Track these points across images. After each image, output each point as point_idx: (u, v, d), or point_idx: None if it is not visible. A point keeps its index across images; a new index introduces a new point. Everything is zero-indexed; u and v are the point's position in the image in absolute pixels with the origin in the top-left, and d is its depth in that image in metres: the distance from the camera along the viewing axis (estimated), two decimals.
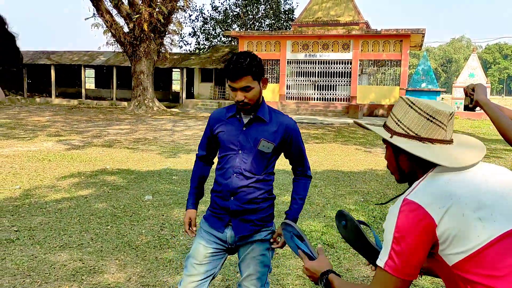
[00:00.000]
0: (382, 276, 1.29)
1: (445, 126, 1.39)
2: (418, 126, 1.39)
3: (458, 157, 1.35)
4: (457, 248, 1.23)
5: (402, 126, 1.41)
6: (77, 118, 19.32)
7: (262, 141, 2.26)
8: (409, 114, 1.40)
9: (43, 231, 4.73)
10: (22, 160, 8.77)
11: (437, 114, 1.37)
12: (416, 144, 1.39)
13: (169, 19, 23.88)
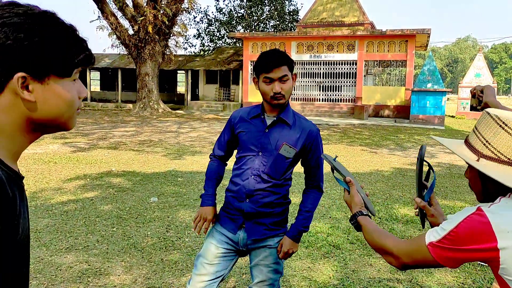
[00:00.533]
0: (421, 247, 1.30)
1: None
2: (511, 150, 1.26)
3: None
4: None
5: (491, 149, 1.29)
6: (83, 120, 19.40)
7: (284, 145, 2.22)
8: (501, 136, 1.28)
9: (49, 233, 4.74)
10: (28, 163, 8.81)
11: None
12: (508, 170, 1.27)
13: (174, 21, 23.94)
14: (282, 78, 2.14)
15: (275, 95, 2.15)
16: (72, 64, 0.96)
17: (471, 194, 6.86)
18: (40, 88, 0.90)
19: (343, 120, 21.16)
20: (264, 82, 2.17)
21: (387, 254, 1.43)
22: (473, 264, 4.07)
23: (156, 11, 22.58)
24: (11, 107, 0.89)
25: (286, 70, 2.14)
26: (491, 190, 1.34)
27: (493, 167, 1.28)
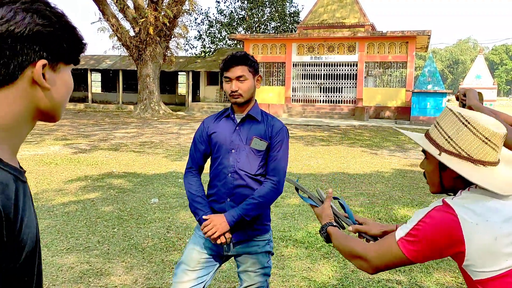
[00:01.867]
0: (391, 245, 1.33)
1: (498, 148, 1.34)
2: (472, 147, 1.32)
3: (509, 182, 1.32)
4: (483, 268, 1.24)
5: (453, 145, 1.34)
6: (84, 122, 19.45)
7: (255, 139, 2.27)
8: (463, 133, 1.33)
9: (50, 234, 4.77)
10: (29, 164, 8.85)
11: (493, 137, 1.31)
12: (467, 166, 1.32)
13: (175, 22, 24.00)
14: (239, 78, 2.22)
15: (232, 93, 2.25)
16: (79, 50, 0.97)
17: None
18: (53, 76, 0.91)
19: (343, 122, 21.18)
20: (224, 81, 2.29)
21: (357, 258, 1.44)
22: None
23: (157, 12, 22.64)
24: (23, 97, 0.87)
25: (244, 70, 2.23)
26: (447, 183, 1.40)
27: (455, 162, 1.33)
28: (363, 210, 5.85)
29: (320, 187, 7.12)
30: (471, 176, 1.30)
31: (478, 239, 1.22)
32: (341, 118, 22.98)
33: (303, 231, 4.88)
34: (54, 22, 0.88)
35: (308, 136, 14.99)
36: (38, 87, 0.87)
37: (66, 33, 0.91)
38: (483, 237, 1.22)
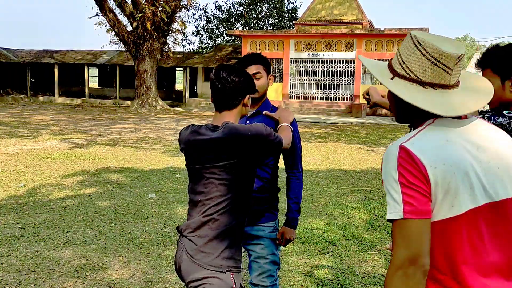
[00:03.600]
0: (401, 228, 1.20)
1: (450, 70, 1.28)
2: (421, 69, 1.29)
3: (456, 103, 1.28)
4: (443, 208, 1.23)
5: (405, 68, 1.32)
6: (81, 117, 19.40)
7: None
8: (414, 56, 1.30)
9: (47, 228, 4.78)
10: (26, 159, 8.83)
11: (443, 57, 1.26)
12: (415, 89, 1.30)
13: (173, 18, 23.93)
14: (256, 75, 2.38)
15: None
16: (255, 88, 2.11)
17: None
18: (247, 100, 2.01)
19: (341, 119, 21.21)
20: None
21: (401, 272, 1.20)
22: None
23: (154, 8, 22.56)
24: (240, 112, 2.00)
25: (259, 68, 2.41)
26: (402, 109, 1.37)
27: (404, 86, 1.31)
28: (360, 206, 5.88)
29: (317, 184, 7.15)
30: (414, 98, 1.27)
31: (438, 179, 1.20)
32: (338, 115, 23.01)
33: (300, 226, 4.90)
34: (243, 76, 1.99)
35: (305, 133, 15.01)
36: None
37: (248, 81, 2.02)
38: (441, 178, 1.20)
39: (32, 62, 31.04)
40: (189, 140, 1.95)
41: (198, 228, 1.87)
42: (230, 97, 1.95)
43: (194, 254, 1.84)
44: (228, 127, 1.85)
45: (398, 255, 1.19)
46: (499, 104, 2.00)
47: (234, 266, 1.87)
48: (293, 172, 2.49)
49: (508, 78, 1.93)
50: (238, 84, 1.94)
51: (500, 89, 1.92)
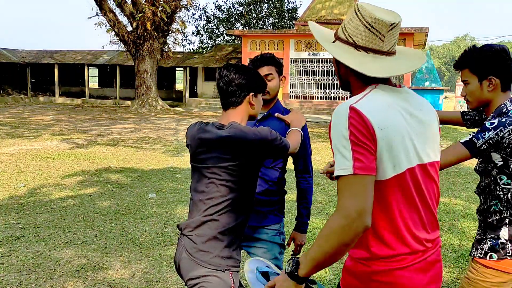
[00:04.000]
0: (351, 184, 1.27)
1: (383, 36, 1.39)
2: (356, 33, 1.40)
3: (382, 67, 1.39)
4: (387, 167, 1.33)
5: (345, 32, 1.44)
6: (81, 117, 19.40)
7: None
8: (353, 21, 1.41)
9: (48, 228, 4.78)
10: (27, 159, 8.84)
11: (375, 23, 1.37)
12: (350, 51, 1.41)
13: (173, 18, 23.92)
14: (267, 76, 2.36)
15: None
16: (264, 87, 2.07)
17: (466, 191, 6.92)
18: (254, 99, 1.99)
19: None
20: None
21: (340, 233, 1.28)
22: (467, 260, 4.12)
23: (154, 8, 22.56)
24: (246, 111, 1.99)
25: (271, 69, 2.40)
26: (342, 72, 1.49)
27: (342, 48, 1.43)
28: None
29: (317, 183, 7.15)
30: (346, 59, 1.39)
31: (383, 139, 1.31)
32: None
33: None
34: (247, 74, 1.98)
35: None
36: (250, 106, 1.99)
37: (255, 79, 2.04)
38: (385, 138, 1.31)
39: (32, 62, 31.04)
40: (195, 136, 1.96)
41: (197, 227, 1.87)
42: (231, 94, 1.96)
43: (194, 252, 1.85)
44: (234, 127, 1.85)
45: (345, 206, 1.26)
46: (478, 104, 2.05)
47: (233, 265, 1.87)
48: (303, 177, 2.48)
49: (486, 78, 1.97)
50: (238, 81, 1.95)
51: (478, 89, 2.00)
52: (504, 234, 1.93)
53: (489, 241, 1.96)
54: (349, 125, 1.30)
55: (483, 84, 1.98)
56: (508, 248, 1.91)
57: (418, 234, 1.41)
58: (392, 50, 1.44)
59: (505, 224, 1.95)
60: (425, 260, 1.43)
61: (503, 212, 1.95)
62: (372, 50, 1.41)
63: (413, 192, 1.40)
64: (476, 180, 7.92)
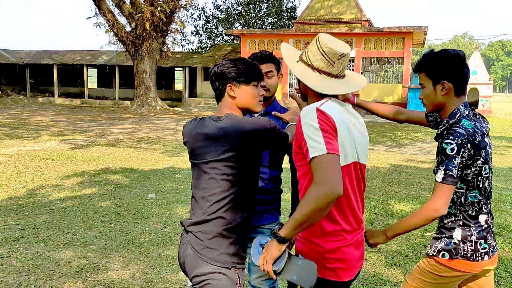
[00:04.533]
0: (326, 161, 1.55)
1: (333, 63, 1.77)
2: (314, 58, 1.78)
3: (331, 87, 1.77)
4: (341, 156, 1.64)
5: (306, 55, 1.82)
6: (80, 117, 19.39)
7: None
8: (313, 48, 1.79)
9: (47, 229, 4.77)
10: (26, 160, 8.83)
11: (329, 52, 1.75)
12: (308, 71, 1.78)
13: (171, 18, 23.91)
14: (268, 73, 2.37)
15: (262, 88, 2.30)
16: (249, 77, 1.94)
17: None
18: (236, 90, 1.92)
19: None
20: None
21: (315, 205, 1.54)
22: None
23: (153, 8, 22.55)
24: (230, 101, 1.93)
25: (271, 67, 2.40)
26: (303, 89, 1.87)
27: (302, 68, 1.80)
28: None
29: None
30: (302, 76, 1.77)
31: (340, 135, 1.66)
32: None
33: None
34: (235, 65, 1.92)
35: None
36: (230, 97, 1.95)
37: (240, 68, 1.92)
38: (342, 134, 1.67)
39: (31, 63, 31.03)
40: (192, 132, 1.94)
41: (202, 223, 1.85)
42: (212, 85, 2.00)
43: (200, 249, 1.83)
44: (231, 118, 1.85)
45: (321, 179, 1.52)
46: (433, 108, 2.13)
47: (239, 262, 1.86)
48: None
49: (439, 82, 2.03)
50: (216, 72, 1.96)
51: (432, 93, 2.08)
52: (457, 235, 2.01)
53: (443, 240, 2.05)
54: (318, 119, 1.62)
55: (437, 88, 2.05)
56: (460, 249, 2.00)
57: (358, 215, 1.79)
58: (340, 74, 1.80)
59: (458, 226, 2.02)
60: (358, 239, 1.79)
61: (457, 215, 2.02)
62: (324, 73, 1.78)
63: (355, 181, 1.77)
64: None
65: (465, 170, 1.96)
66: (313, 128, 1.61)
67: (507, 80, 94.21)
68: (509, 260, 4.11)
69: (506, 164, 9.51)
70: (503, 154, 10.95)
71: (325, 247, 1.72)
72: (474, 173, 1.98)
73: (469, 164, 1.96)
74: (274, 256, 1.66)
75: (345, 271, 1.75)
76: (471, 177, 1.98)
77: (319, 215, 1.55)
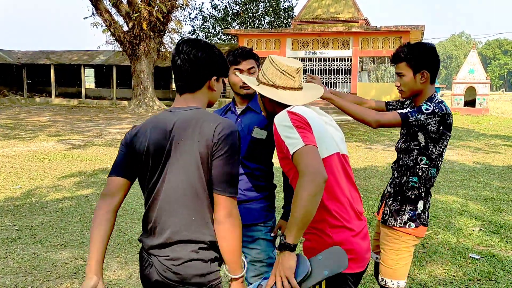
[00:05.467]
0: (306, 152, 1.63)
1: (293, 77, 1.92)
2: (274, 77, 1.91)
3: (298, 98, 1.91)
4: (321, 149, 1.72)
5: (265, 77, 1.93)
6: (77, 117, 19.35)
7: (255, 128, 2.34)
8: (270, 69, 1.92)
9: (44, 230, 4.76)
10: (23, 160, 8.80)
11: (287, 69, 1.90)
12: (273, 91, 1.90)
13: (169, 17, 23.87)
14: (250, 70, 2.37)
15: (244, 85, 2.34)
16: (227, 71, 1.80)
17: (463, 188, 6.94)
18: (217, 84, 1.74)
19: (338, 117, 21.22)
20: (234, 74, 2.36)
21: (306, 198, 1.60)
22: (463, 257, 4.13)
23: (150, 7, 22.50)
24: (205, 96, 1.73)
25: (253, 63, 2.41)
26: (268, 107, 1.99)
27: (266, 89, 1.92)
28: None
29: None
30: (274, 95, 1.89)
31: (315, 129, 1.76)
32: (336, 113, 23.00)
33: None
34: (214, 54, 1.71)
35: None
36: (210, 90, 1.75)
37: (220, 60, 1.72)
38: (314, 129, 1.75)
39: (28, 63, 30.94)
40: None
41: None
42: (190, 76, 1.66)
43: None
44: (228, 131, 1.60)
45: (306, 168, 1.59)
46: (411, 94, 2.40)
47: None
48: None
49: (419, 72, 2.31)
50: (201, 60, 1.65)
51: (412, 80, 2.35)
52: (420, 206, 2.36)
53: (407, 212, 2.35)
54: (290, 119, 1.73)
55: (417, 77, 2.33)
56: (422, 217, 2.36)
57: (357, 208, 1.85)
58: (299, 86, 1.96)
59: (421, 198, 2.36)
60: (363, 231, 1.85)
61: (421, 188, 2.35)
62: (288, 88, 1.92)
63: (342, 170, 1.85)
64: (473, 178, 7.92)
65: (433, 146, 2.30)
66: (287, 127, 1.71)
67: (504, 78, 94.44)
68: (506, 258, 4.12)
69: (503, 163, 9.53)
70: (500, 153, 10.97)
71: (334, 239, 1.76)
72: (438, 152, 2.32)
73: (437, 139, 2.29)
74: (293, 266, 1.62)
75: (355, 262, 1.77)
76: (435, 156, 2.33)
77: (314, 202, 1.57)
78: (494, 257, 4.14)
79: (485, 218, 5.36)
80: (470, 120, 20.51)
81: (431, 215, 5.42)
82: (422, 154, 2.33)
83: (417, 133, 2.33)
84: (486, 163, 9.44)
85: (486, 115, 23.14)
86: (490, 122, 19.61)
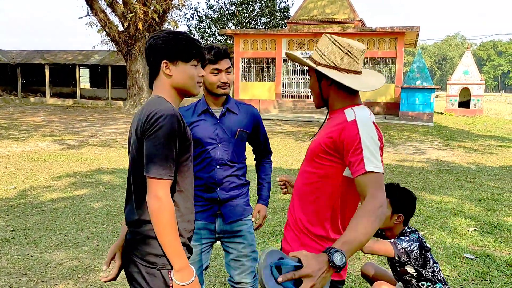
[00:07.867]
0: (380, 180, 1.59)
1: (358, 59, 1.74)
2: (337, 58, 1.72)
3: (366, 82, 1.75)
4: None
5: (325, 59, 1.74)
6: (72, 118, 19.26)
7: (240, 131, 2.41)
8: (331, 49, 1.73)
9: (38, 230, 4.73)
10: (17, 160, 8.75)
11: (353, 50, 1.72)
12: (335, 73, 1.71)
13: (164, 17, 23.81)
14: (228, 69, 2.36)
15: (222, 84, 2.33)
16: (190, 54, 1.69)
17: (458, 189, 6.96)
18: (173, 68, 1.69)
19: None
20: (212, 73, 2.33)
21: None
22: (458, 257, 4.15)
23: (146, 7, 22.44)
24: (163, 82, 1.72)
25: (229, 62, 2.38)
26: (325, 92, 1.79)
27: (326, 71, 1.72)
28: None
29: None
30: (342, 79, 1.69)
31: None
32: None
33: None
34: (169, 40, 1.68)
35: (298, 132, 15.02)
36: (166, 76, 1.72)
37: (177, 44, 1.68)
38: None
39: (23, 63, 30.76)
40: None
41: None
42: (148, 64, 1.75)
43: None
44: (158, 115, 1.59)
45: (380, 197, 1.55)
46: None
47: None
48: (267, 157, 2.68)
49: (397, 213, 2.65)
50: (154, 46, 1.69)
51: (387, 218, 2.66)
52: None
53: None
54: (377, 135, 1.64)
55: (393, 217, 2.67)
56: None
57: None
58: (361, 70, 1.79)
59: None
60: None
61: None
62: (351, 71, 1.74)
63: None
64: (468, 178, 7.95)
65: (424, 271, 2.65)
66: (373, 141, 1.62)
67: (499, 80, 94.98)
68: (501, 258, 4.13)
69: (497, 163, 9.58)
70: (494, 154, 11.03)
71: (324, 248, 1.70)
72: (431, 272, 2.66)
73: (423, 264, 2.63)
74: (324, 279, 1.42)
75: (344, 270, 1.80)
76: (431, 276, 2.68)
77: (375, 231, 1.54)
78: (489, 257, 4.15)
79: (480, 219, 5.39)
80: (464, 121, 20.61)
81: (426, 216, 5.43)
82: (420, 280, 2.62)
83: (405, 268, 2.61)
84: (481, 164, 9.49)
85: (481, 116, 23.26)
86: (484, 123, 19.71)
